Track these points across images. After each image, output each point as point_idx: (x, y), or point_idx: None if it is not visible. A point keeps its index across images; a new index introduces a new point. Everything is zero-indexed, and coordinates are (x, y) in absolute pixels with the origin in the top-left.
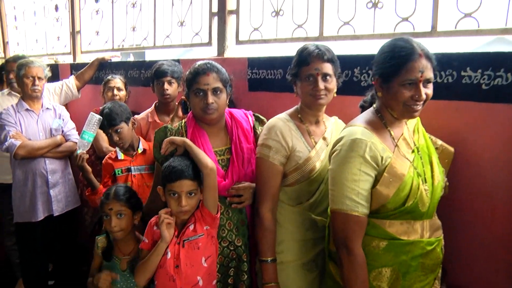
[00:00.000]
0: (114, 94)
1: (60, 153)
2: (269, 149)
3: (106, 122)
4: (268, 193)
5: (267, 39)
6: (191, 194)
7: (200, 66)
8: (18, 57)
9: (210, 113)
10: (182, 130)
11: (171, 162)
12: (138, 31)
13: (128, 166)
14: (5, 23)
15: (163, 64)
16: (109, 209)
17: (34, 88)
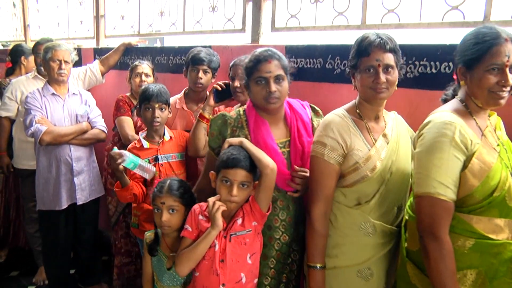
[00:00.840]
0: (142, 80)
1: (86, 140)
2: (324, 147)
3: (151, 97)
4: (321, 194)
5: (305, 27)
6: (243, 186)
7: (261, 53)
8: (46, 40)
9: (273, 102)
10: (241, 119)
11: (231, 149)
12: (166, 16)
13: (155, 155)
14: (26, 6)
15: (201, 51)
16: (161, 202)
17: (60, 72)
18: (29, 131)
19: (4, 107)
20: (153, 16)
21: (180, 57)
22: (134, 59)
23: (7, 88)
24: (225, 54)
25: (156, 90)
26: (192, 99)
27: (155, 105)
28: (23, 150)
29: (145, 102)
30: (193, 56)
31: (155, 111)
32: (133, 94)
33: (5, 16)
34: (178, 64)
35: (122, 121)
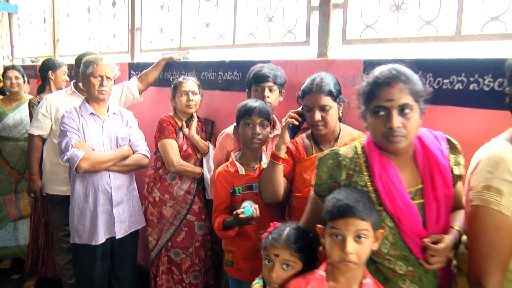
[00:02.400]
0: (190, 99)
1: (127, 167)
2: (500, 194)
3: (252, 111)
4: (497, 260)
5: (385, 39)
6: (360, 238)
7: (382, 74)
8: (91, 54)
9: (396, 141)
10: (359, 159)
11: (336, 193)
12: (213, 28)
13: (249, 183)
14: (56, 21)
15: (263, 67)
16: (275, 254)
17: (101, 89)
18: (65, 157)
19: (37, 124)
20: (197, 28)
21: (232, 73)
22: (176, 75)
23: (41, 103)
24: (288, 70)
25: (257, 104)
26: None
27: (256, 120)
28: (54, 173)
29: (245, 117)
30: (255, 73)
31: (256, 127)
32: (177, 114)
33: (35, 31)
34: (229, 81)
35: (166, 144)
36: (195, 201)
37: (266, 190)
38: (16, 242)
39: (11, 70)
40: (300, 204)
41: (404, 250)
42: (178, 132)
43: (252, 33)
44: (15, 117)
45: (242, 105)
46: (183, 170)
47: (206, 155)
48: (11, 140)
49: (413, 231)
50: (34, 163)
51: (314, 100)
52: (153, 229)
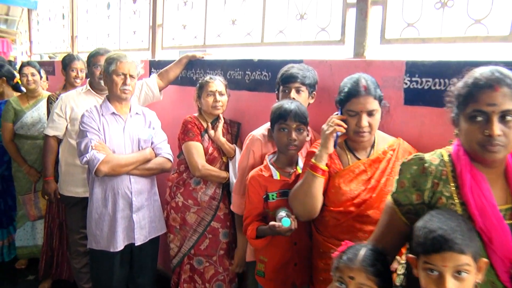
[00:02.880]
0: (216, 99)
1: (149, 170)
2: None
3: (288, 115)
4: None
5: (427, 38)
6: (460, 274)
7: (484, 75)
8: (105, 50)
9: (494, 150)
10: (445, 167)
11: (427, 219)
12: (240, 25)
13: (284, 189)
14: (75, 17)
15: (292, 67)
16: (349, 276)
17: (124, 88)
18: (84, 159)
19: (53, 124)
20: (222, 25)
21: (260, 72)
22: (200, 73)
23: (56, 103)
24: (322, 70)
25: (293, 107)
26: None
27: (292, 125)
28: (70, 174)
29: (280, 121)
30: (283, 73)
31: (292, 132)
32: (203, 115)
33: (53, 27)
34: (257, 81)
35: (191, 147)
36: (220, 207)
37: (302, 206)
38: (34, 241)
39: (27, 67)
40: (338, 219)
41: (491, 275)
42: (204, 134)
43: (282, 31)
44: (33, 115)
45: (277, 107)
46: (208, 174)
47: (232, 159)
48: (29, 139)
49: (505, 252)
50: (49, 165)
51: (362, 104)
52: (175, 235)
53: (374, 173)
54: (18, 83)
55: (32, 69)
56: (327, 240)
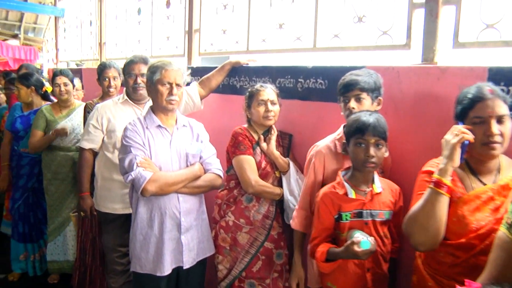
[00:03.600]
0: (268, 109)
1: (198, 188)
2: None
3: (366, 129)
4: None
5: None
6: None
7: None
8: (141, 58)
9: None
10: None
11: None
12: (288, 29)
13: (359, 209)
14: (104, 23)
15: (350, 73)
16: None
17: (170, 98)
18: (129, 177)
19: (88, 137)
20: (268, 29)
21: (315, 80)
22: (244, 81)
23: (92, 114)
24: (387, 78)
25: (372, 120)
26: None
27: (370, 139)
28: (107, 190)
29: (356, 136)
30: (340, 83)
31: (370, 147)
32: (253, 126)
33: (80, 34)
34: (311, 89)
35: (243, 161)
36: (273, 226)
37: (424, 232)
38: (65, 257)
39: (60, 77)
40: (457, 256)
41: None
42: (255, 147)
43: (337, 35)
44: (66, 126)
45: (354, 119)
46: (262, 191)
47: (286, 173)
48: (62, 150)
49: None
50: (84, 179)
51: (491, 108)
52: (225, 257)
53: (504, 202)
54: (47, 92)
55: (65, 79)
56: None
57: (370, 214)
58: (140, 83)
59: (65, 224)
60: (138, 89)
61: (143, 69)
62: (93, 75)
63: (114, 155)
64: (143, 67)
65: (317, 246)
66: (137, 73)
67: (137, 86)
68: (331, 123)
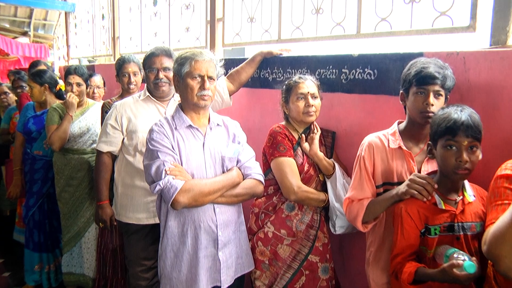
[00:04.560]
0: (309, 103)
1: (237, 197)
2: None
3: (462, 129)
4: None
5: None
6: None
7: None
8: (162, 50)
9: None
10: None
11: None
12: (327, 15)
13: (449, 221)
14: (117, 16)
15: (428, 63)
16: None
17: (202, 93)
18: (157, 187)
19: (106, 138)
20: (303, 16)
21: (362, 70)
22: (277, 73)
23: (110, 113)
24: (451, 65)
25: (465, 118)
26: (411, 136)
27: (463, 141)
28: (129, 198)
29: (446, 136)
30: (418, 71)
31: (463, 151)
32: (291, 124)
33: (92, 29)
34: (357, 80)
35: (283, 164)
36: (318, 237)
37: None
38: (81, 270)
39: (73, 76)
40: None
41: None
42: (296, 148)
43: (385, 18)
44: (80, 125)
45: (442, 117)
46: (306, 197)
47: (330, 176)
48: (76, 153)
49: None
50: (103, 186)
51: None
52: (263, 272)
53: None
54: (61, 90)
55: (79, 79)
56: None
57: (462, 227)
58: (162, 78)
59: (81, 233)
60: (160, 85)
61: (165, 62)
62: (107, 71)
63: (136, 158)
64: (166, 60)
65: (402, 265)
66: (158, 67)
67: (159, 81)
68: (381, 119)
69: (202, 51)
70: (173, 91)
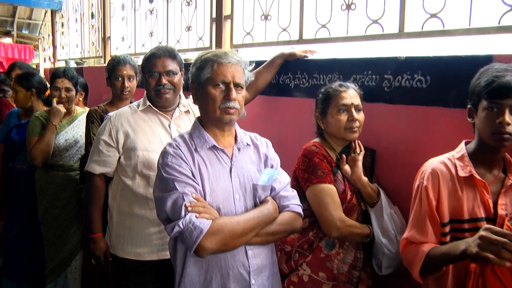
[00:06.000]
0: (354, 118)
1: (274, 235)
2: None
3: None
4: None
5: None
6: None
7: None
8: (165, 50)
9: None
10: None
11: None
12: (359, 10)
13: None
14: (108, 15)
15: (504, 73)
16: None
17: (228, 106)
18: (175, 228)
19: (99, 157)
20: (330, 13)
21: (410, 76)
22: (301, 78)
23: (103, 127)
24: None
25: None
26: (483, 160)
27: None
28: (127, 228)
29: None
30: (490, 82)
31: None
32: (328, 141)
33: (80, 29)
34: (404, 88)
35: (323, 193)
36: (361, 279)
37: None
38: None
39: (62, 79)
40: None
41: None
42: (336, 172)
43: (436, 14)
44: (66, 137)
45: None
46: (350, 233)
47: (374, 205)
48: (61, 169)
49: None
50: (95, 216)
51: None
52: None
53: None
54: (50, 97)
55: (68, 83)
56: None
57: None
58: (165, 83)
59: (66, 262)
60: (163, 92)
61: (169, 65)
62: (97, 74)
63: (135, 181)
64: (169, 62)
65: None
66: (161, 71)
67: (162, 87)
68: (434, 136)
69: (227, 51)
70: (178, 99)
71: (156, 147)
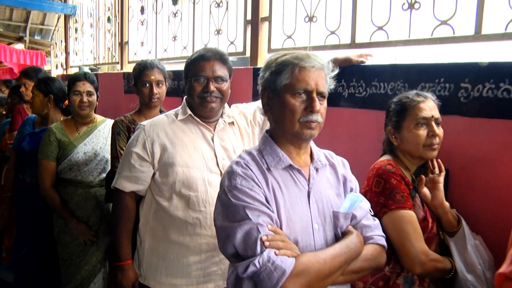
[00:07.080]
0: (435, 133)
1: (358, 273)
2: None
3: None
4: None
5: None
6: None
7: None
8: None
9: None
10: None
11: None
12: (424, 10)
13: None
14: (126, 18)
15: None
16: None
17: (309, 119)
18: (250, 268)
19: (130, 173)
20: (388, 13)
21: (494, 84)
22: (357, 87)
23: (135, 137)
24: None
25: None
26: None
27: None
28: (160, 256)
29: None
30: None
31: None
32: (401, 160)
33: (95, 34)
34: (487, 99)
35: (403, 221)
36: None
37: None
38: None
39: (83, 82)
40: None
41: None
42: (414, 196)
43: None
44: (85, 150)
45: None
46: (434, 269)
47: (455, 234)
48: (80, 186)
49: None
50: (123, 240)
51: None
52: None
53: None
54: (69, 107)
55: (90, 87)
56: None
57: None
58: (213, 91)
59: (84, 285)
60: (209, 101)
61: (218, 69)
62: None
63: (173, 203)
64: (219, 66)
65: None
66: (209, 76)
67: (209, 95)
68: None
69: (309, 53)
70: (222, 109)
71: (197, 164)
